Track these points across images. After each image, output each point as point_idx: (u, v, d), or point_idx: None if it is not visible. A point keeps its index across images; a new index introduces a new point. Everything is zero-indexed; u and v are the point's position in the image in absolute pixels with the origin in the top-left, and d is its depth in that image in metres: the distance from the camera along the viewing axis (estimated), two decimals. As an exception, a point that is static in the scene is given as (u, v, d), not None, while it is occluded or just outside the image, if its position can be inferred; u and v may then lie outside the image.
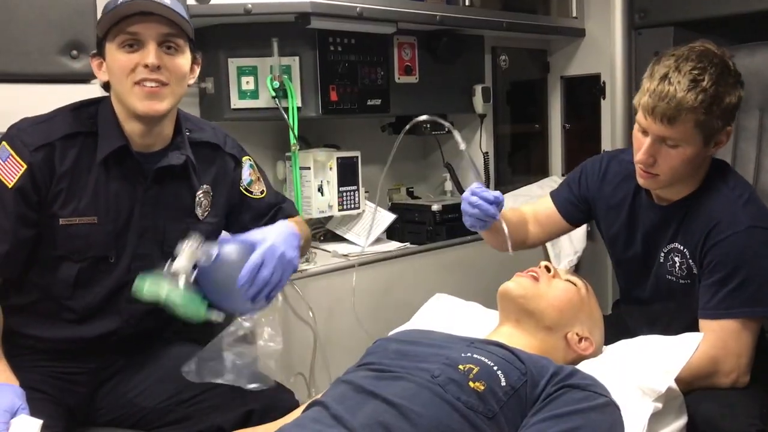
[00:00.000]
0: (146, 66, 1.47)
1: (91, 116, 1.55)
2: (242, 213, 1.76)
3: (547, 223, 1.92)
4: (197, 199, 1.65)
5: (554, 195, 1.93)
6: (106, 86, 1.57)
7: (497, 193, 1.68)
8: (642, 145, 1.57)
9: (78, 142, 1.53)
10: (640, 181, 1.64)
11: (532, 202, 2.01)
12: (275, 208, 1.80)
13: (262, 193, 1.78)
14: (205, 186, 1.67)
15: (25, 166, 1.47)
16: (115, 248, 1.57)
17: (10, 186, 1.47)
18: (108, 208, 1.54)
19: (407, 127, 1.84)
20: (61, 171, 1.50)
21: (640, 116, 1.56)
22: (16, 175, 1.47)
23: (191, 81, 1.59)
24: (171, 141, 1.61)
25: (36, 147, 1.48)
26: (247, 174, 1.75)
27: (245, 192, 1.75)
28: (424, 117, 1.81)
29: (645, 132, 1.56)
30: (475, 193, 1.67)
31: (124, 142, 1.54)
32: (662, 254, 1.69)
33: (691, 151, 1.54)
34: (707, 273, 1.57)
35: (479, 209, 1.66)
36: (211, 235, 1.71)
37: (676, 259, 1.65)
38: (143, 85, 1.48)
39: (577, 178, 1.88)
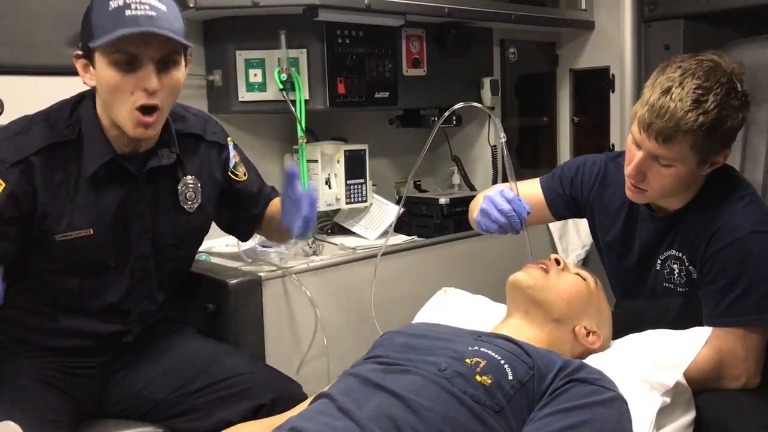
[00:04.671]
0: (145, 89, 1.39)
1: (70, 123, 1.48)
2: (230, 198, 1.74)
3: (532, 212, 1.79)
4: (179, 191, 1.61)
5: (545, 186, 1.85)
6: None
7: (529, 207, 1.62)
8: (634, 158, 1.50)
9: (58, 153, 1.45)
10: (628, 193, 1.59)
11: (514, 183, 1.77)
12: (268, 198, 1.80)
13: (245, 175, 1.76)
14: (189, 177, 1.62)
15: (3, 184, 1.40)
16: (115, 254, 1.54)
17: None
18: (104, 216, 1.50)
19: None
20: (43, 186, 1.43)
21: (635, 129, 1.50)
22: None
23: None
24: (159, 138, 1.55)
25: (12, 163, 1.41)
26: (231, 155, 1.73)
27: (232, 176, 1.73)
28: (459, 105, 1.72)
29: (638, 145, 1.49)
30: (511, 202, 1.61)
31: (113, 155, 1.48)
32: (659, 262, 1.65)
33: (684, 171, 1.48)
34: (710, 280, 1.53)
35: (509, 221, 1.60)
36: (201, 227, 1.70)
37: (675, 266, 1.61)
38: (140, 113, 1.40)
39: (572, 176, 1.81)
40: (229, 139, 1.74)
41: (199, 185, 1.64)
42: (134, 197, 1.54)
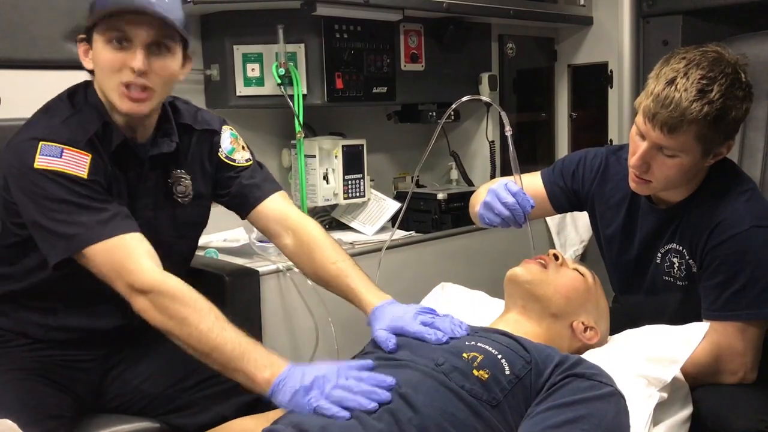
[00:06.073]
0: (130, 68, 1.41)
1: (91, 109, 1.49)
2: (231, 183, 1.71)
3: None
4: (170, 183, 1.61)
5: (546, 179, 1.86)
6: (91, 72, 1.51)
7: (533, 201, 1.62)
8: (638, 148, 1.51)
9: (104, 133, 1.48)
10: (632, 185, 1.59)
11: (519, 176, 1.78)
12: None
13: (248, 161, 1.72)
14: (180, 171, 1.62)
15: (90, 156, 1.42)
16: None
17: (85, 175, 1.40)
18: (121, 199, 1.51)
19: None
20: (105, 163, 1.45)
21: (639, 120, 1.50)
22: (84, 165, 1.41)
23: (181, 77, 1.53)
24: (158, 128, 1.57)
25: (85, 142, 1.43)
26: (227, 142, 1.70)
27: (227, 161, 1.69)
28: (467, 98, 1.73)
29: (643, 136, 1.50)
30: (516, 195, 1.60)
31: (123, 137, 1.49)
32: (659, 255, 1.65)
33: (688, 162, 1.49)
34: (710, 274, 1.53)
35: (513, 214, 1.60)
36: (196, 219, 1.69)
37: (675, 260, 1.62)
38: (128, 90, 1.42)
39: (573, 169, 1.81)
40: (226, 127, 1.72)
41: (189, 180, 1.64)
42: (140, 187, 1.56)
